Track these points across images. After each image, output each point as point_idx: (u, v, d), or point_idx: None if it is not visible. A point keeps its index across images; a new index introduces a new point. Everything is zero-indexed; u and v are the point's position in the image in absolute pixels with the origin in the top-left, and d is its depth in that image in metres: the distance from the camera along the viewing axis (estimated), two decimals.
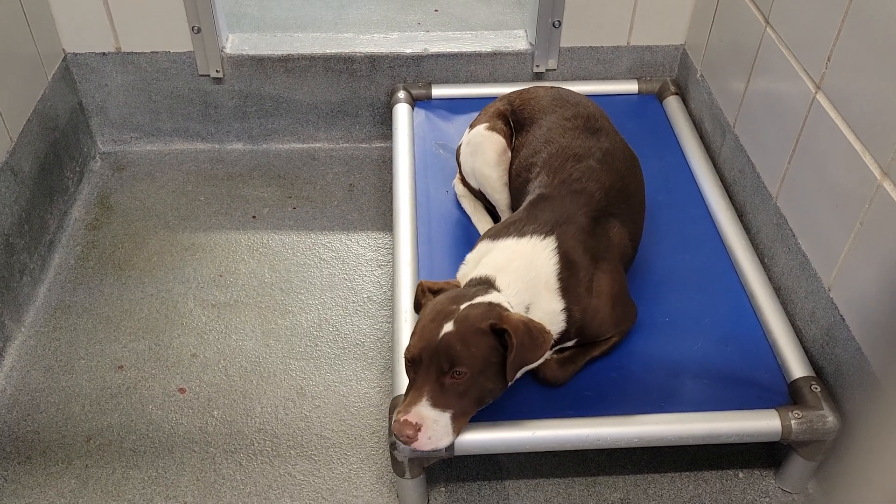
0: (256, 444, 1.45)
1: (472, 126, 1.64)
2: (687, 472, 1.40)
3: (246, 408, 1.51)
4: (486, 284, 1.26)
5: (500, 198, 1.58)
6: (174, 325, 1.66)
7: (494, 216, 1.64)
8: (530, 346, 1.18)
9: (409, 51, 2.01)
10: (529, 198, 1.40)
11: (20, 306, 1.64)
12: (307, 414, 1.50)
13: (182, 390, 1.54)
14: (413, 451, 1.21)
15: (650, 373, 1.36)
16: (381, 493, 1.38)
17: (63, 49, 1.94)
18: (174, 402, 1.51)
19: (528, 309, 1.26)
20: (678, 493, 1.37)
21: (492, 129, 1.58)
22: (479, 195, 1.66)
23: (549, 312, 1.27)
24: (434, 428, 1.15)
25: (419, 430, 1.14)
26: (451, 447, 1.23)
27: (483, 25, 2.53)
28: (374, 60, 2.01)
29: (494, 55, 2.02)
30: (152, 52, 1.96)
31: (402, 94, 1.97)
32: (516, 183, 1.51)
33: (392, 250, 1.74)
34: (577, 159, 1.41)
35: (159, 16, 1.90)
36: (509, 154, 1.57)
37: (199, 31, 1.92)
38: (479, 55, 2.02)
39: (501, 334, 1.17)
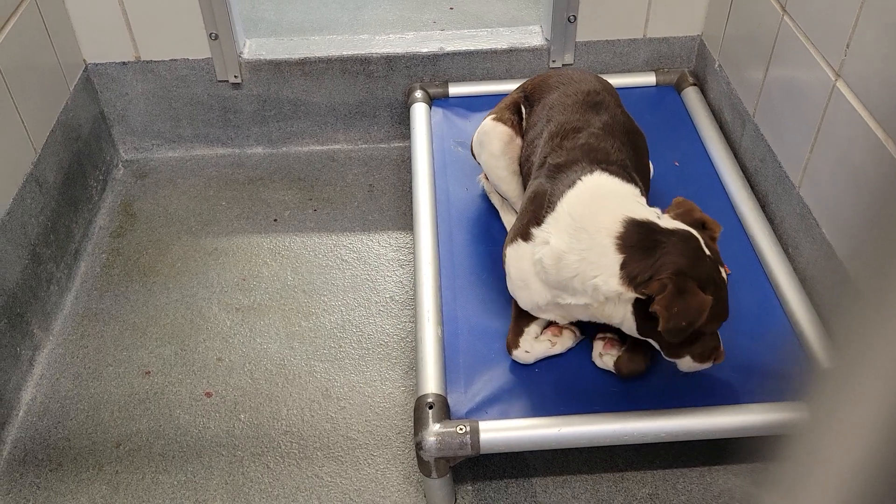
0: (283, 447, 1.46)
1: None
2: (716, 466, 1.39)
3: (272, 410, 1.52)
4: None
5: (509, 189, 1.57)
6: (199, 329, 1.67)
7: None
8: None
9: (425, 50, 2.01)
10: (537, 178, 1.37)
11: (48, 315, 1.67)
12: (333, 415, 1.51)
13: (208, 394, 1.55)
14: None
15: (675, 366, 1.35)
16: (408, 493, 1.38)
17: (84, 59, 1.96)
18: (201, 407, 1.53)
19: None
20: (707, 488, 1.37)
21: (498, 119, 1.58)
22: None
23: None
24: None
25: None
26: (477, 446, 1.23)
27: (498, 22, 2.53)
28: (390, 61, 2.01)
29: (510, 52, 2.01)
30: (171, 60, 1.98)
31: (419, 94, 1.98)
32: (524, 170, 1.50)
33: (413, 250, 1.75)
34: (576, 131, 1.39)
35: (177, 24, 1.92)
36: (518, 142, 1.56)
37: (216, 37, 1.94)
38: (495, 52, 2.02)
39: None
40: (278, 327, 1.67)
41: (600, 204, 1.24)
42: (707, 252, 1.20)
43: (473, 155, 1.66)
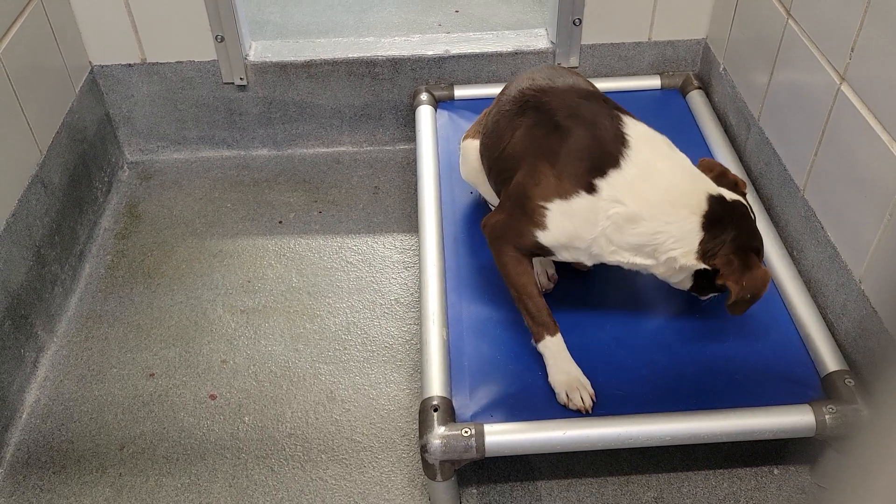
0: (288, 449, 1.46)
1: None
2: (721, 470, 1.39)
3: (276, 413, 1.52)
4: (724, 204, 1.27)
5: (495, 199, 1.57)
6: (204, 331, 1.67)
7: None
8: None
9: (430, 53, 2.01)
10: (546, 124, 1.32)
11: (52, 317, 1.67)
12: (337, 418, 1.51)
13: (213, 396, 1.55)
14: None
15: (681, 369, 1.35)
16: (412, 497, 1.38)
17: (90, 61, 1.97)
18: (205, 409, 1.53)
19: None
20: (712, 491, 1.36)
21: (471, 136, 1.58)
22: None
23: None
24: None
25: None
26: (481, 449, 1.23)
27: (504, 25, 2.53)
28: (395, 63, 2.01)
29: (516, 54, 2.01)
30: (177, 62, 1.98)
31: (424, 96, 1.98)
32: (487, 158, 1.47)
33: (418, 252, 1.75)
34: (545, 92, 1.37)
35: (183, 26, 1.92)
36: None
37: (222, 39, 1.94)
38: (500, 55, 2.02)
39: None
40: (283, 329, 1.67)
41: (678, 175, 1.26)
42: (753, 217, 1.31)
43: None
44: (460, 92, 2.00)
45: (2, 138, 1.54)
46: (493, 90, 2.00)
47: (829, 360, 1.32)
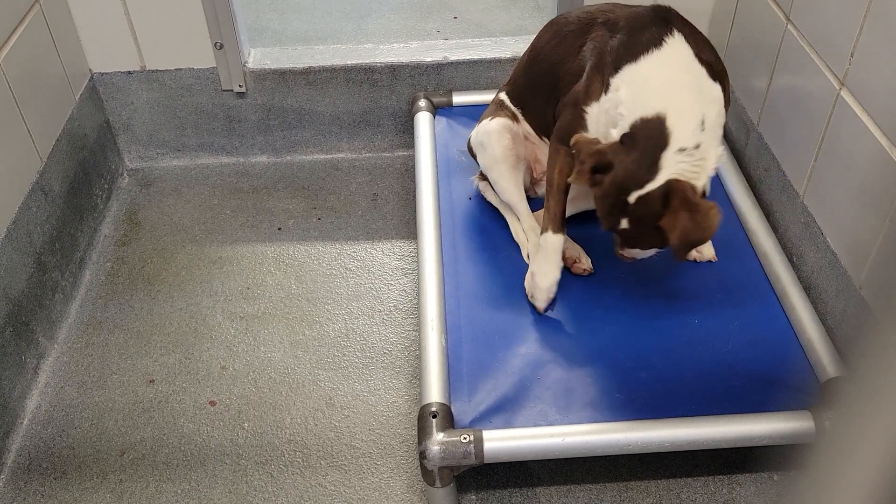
0: (287, 455, 1.46)
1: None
2: (720, 476, 1.39)
3: (276, 419, 1.52)
4: (656, 134, 1.21)
5: (508, 186, 1.59)
6: (203, 338, 1.67)
7: None
8: (696, 232, 1.21)
9: (428, 59, 2.02)
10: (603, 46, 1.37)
11: (53, 323, 1.67)
12: (337, 424, 1.51)
13: (213, 403, 1.55)
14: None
15: (680, 375, 1.35)
16: (412, 502, 1.38)
17: (90, 69, 1.97)
18: (205, 415, 1.53)
19: (703, 124, 1.22)
20: (711, 497, 1.36)
21: (495, 114, 1.62)
22: None
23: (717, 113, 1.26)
24: (643, 255, 1.35)
25: (633, 258, 1.36)
26: (480, 455, 1.23)
27: (502, 31, 2.53)
28: (394, 70, 2.02)
29: (514, 60, 2.02)
30: (176, 70, 1.99)
31: (422, 103, 1.98)
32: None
33: (417, 258, 1.75)
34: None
35: (182, 33, 1.92)
36: (519, 132, 1.61)
37: (221, 46, 1.95)
38: (498, 61, 2.02)
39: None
40: (282, 336, 1.67)
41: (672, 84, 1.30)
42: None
43: (473, 155, 1.67)
44: (459, 98, 2.00)
45: (2, 146, 1.55)
46: (492, 96, 2.00)
47: (829, 366, 1.32)
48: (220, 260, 1.85)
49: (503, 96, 1.67)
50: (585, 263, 1.52)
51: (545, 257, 1.45)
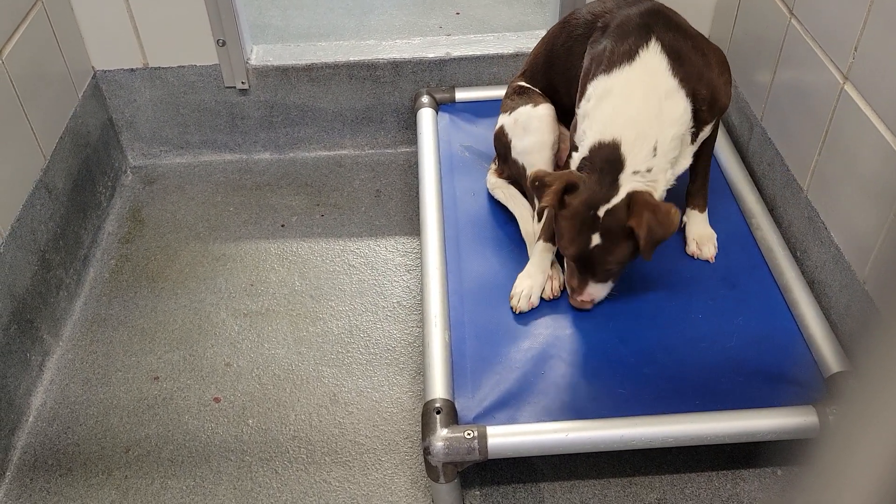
0: (291, 452, 1.46)
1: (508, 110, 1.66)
2: (724, 471, 1.39)
3: (280, 415, 1.52)
4: (612, 158, 1.31)
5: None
6: (207, 335, 1.68)
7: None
8: (659, 229, 1.30)
9: (431, 55, 2.01)
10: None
11: (58, 321, 1.67)
12: (341, 420, 1.51)
13: (217, 399, 1.55)
14: None
15: (684, 371, 1.35)
16: (416, 498, 1.38)
17: (92, 67, 1.97)
18: (210, 412, 1.53)
19: (655, 151, 1.31)
20: (716, 493, 1.36)
21: (537, 103, 1.62)
22: (514, 183, 1.67)
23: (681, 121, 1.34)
24: (602, 294, 1.43)
25: (592, 301, 1.43)
26: (484, 451, 1.23)
27: (505, 27, 2.53)
28: (397, 66, 2.02)
29: (517, 56, 2.02)
30: (179, 67, 1.99)
31: (425, 99, 1.98)
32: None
33: (420, 254, 1.75)
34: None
35: (185, 30, 1.92)
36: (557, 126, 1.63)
37: (223, 43, 1.95)
38: (501, 57, 2.02)
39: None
40: (286, 332, 1.68)
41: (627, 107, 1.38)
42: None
43: (503, 143, 1.65)
44: (461, 94, 2.00)
45: (6, 144, 1.55)
46: (495, 92, 2.01)
47: (833, 361, 1.32)
48: (224, 257, 1.85)
49: (525, 84, 1.67)
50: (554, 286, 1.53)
51: (534, 263, 1.50)
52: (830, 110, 1.39)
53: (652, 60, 1.33)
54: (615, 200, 1.31)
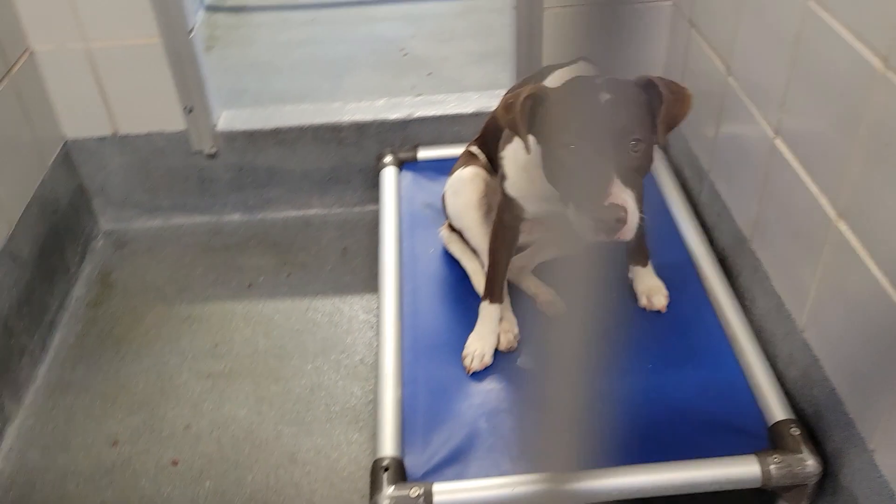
0: None
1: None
2: None
3: (237, 477, 1.53)
4: None
5: (476, 235, 1.62)
6: (169, 397, 1.69)
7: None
8: (675, 101, 1.13)
9: (394, 116, 2.06)
10: None
11: (19, 387, 1.69)
12: (297, 481, 1.51)
13: (175, 462, 1.56)
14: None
15: (632, 423, 1.36)
16: None
17: (63, 135, 2.02)
18: (166, 475, 1.54)
19: None
20: None
21: (466, 165, 1.65)
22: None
23: None
24: (632, 204, 1.01)
25: (626, 210, 0.99)
26: (430, 499, 1.23)
27: (476, 87, 2.58)
28: (360, 128, 2.06)
29: (477, 115, 2.07)
30: (148, 133, 2.04)
31: (388, 158, 2.02)
32: None
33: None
34: None
35: (153, 98, 1.98)
36: (490, 182, 1.62)
37: (191, 110, 2.00)
38: (462, 116, 2.07)
39: (649, 90, 1.11)
40: (248, 392, 1.69)
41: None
42: None
43: (444, 205, 1.69)
44: (424, 153, 2.04)
45: None
46: (457, 150, 2.03)
47: (777, 409, 1.33)
48: (190, 318, 1.88)
49: (474, 149, 1.71)
50: (559, 305, 1.53)
51: (482, 323, 1.51)
52: (766, 164, 1.42)
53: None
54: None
